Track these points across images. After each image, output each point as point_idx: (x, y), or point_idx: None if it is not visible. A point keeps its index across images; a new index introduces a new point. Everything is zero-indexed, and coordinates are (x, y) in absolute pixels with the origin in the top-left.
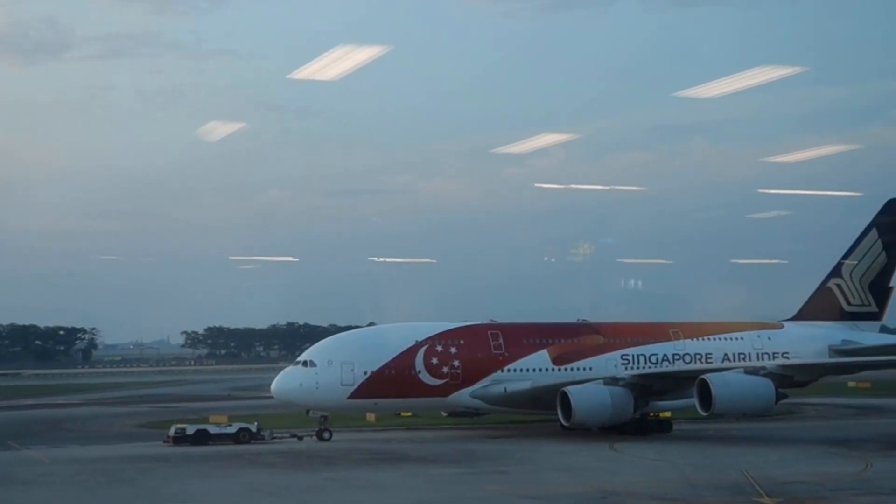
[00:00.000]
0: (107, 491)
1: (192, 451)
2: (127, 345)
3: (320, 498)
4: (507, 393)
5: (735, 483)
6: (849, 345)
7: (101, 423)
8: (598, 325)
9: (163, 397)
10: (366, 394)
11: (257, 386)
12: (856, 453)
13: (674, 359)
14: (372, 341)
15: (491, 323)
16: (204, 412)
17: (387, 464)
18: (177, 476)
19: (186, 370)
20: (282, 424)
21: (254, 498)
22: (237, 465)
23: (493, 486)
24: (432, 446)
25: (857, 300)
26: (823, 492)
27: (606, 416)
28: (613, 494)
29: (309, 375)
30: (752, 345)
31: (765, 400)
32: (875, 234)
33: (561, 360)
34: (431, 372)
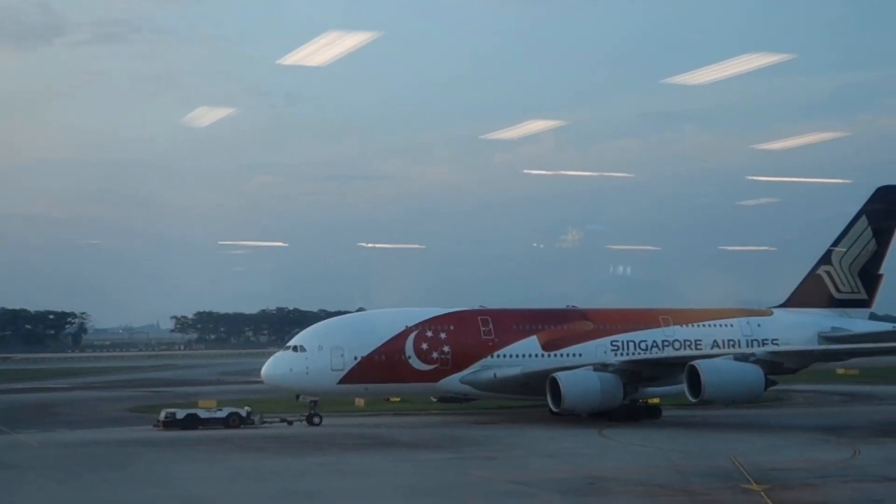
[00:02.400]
0: (96, 475)
1: (181, 436)
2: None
3: (309, 483)
4: (497, 379)
5: (723, 469)
6: (838, 332)
7: (91, 407)
8: (588, 311)
9: (152, 382)
10: (356, 379)
11: (247, 371)
12: (844, 440)
13: (663, 345)
14: (362, 327)
15: (481, 309)
16: (194, 397)
17: (376, 449)
18: (166, 460)
19: (176, 355)
20: (272, 409)
21: (243, 482)
22: (227, 449)
23: (481, 472)
24: (421, 431)
25: (847, 287)
26: (812, 478)
27: (596, 402)
28: (601, 480)
29: (299, 360)
30: (742, 331)
31: (754, 387)
32: (865, 222)
33: (551, 346)
34: (421, 357)
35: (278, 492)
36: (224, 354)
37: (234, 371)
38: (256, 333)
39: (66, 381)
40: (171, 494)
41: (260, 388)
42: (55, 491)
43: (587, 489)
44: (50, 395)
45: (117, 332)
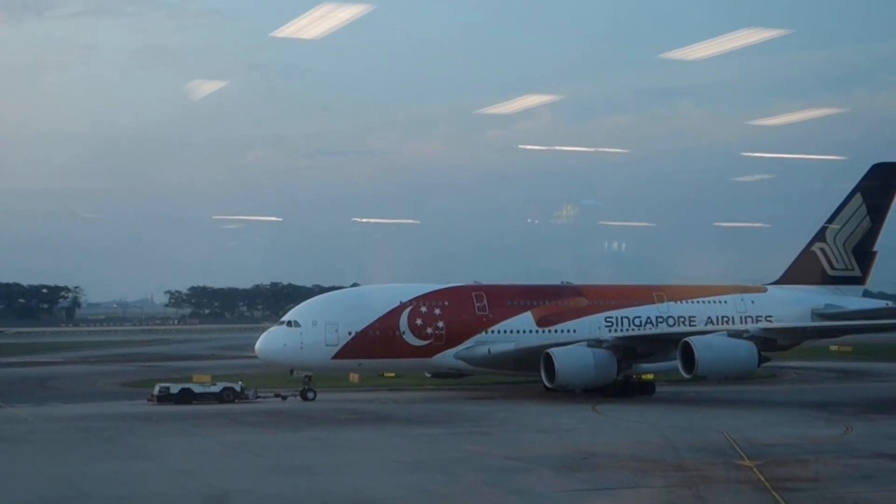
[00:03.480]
0: (90, 448)
1: (175, 410)
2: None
3: (303, 457)
4: (491, 354)
5: (716, 445)
6: (832, 309)
7: (85, 381)
8: (582, 287)
9: (146, 356)
10: (350, 354)
11: (241, 345)
12: (837, 416)
13: (657, 321)
14: (356, 302)
15: (475, 284)
16: (188, 371)
17: (370, 424)
18: (160, 434)
19: (170, 329)
20: (266, 384)
21: (236, 457)
22: (220, 424)
23: (474, 447)
24: (415, 407)
25: (841, 264)
26: (804, 454)
27: (590, 378)
28: (595, 456)
29: (293, 335)
30: (736, 308)
31: (747, 363)
32: (859, 199)
33: (545, 321)
34: (415, 333)
35: (272, 466)
36: (218, 329)
37: (229, 346)
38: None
39: (60, 355)
40: (165, 469)
41: (254, 363)
42: (49, 464)
43: (581, 464)
44: (43, 370)
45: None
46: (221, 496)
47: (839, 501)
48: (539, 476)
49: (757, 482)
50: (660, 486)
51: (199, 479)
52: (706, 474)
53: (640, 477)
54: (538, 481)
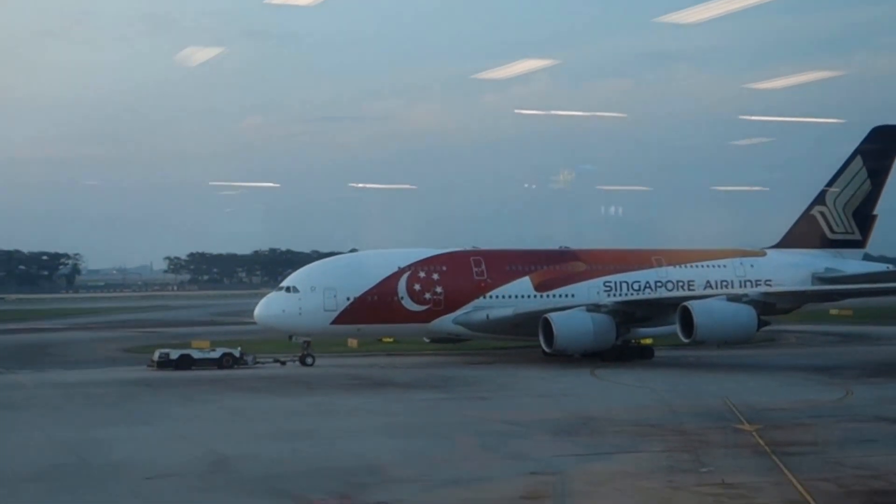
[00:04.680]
0: (90, 414)
1: (175, 376)
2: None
3: (302, 422)
4: (490, 319)
5: (716, 410)
6: (832, 273)
7: (85, 347)
8: (581, 251)
9: (146, 322)
10: (348, 319)
11: (240, 311)
12: (836, 380)
13: (656, 286)
14: (354, 267)
15: (473, 249)
16: (187, 337)
17: (368, 389)
18: (159, 400)
19: (169, 295)
20: (265, 350)
21: (236, 422)
22: (220, 389)
23: (473, 412)
24: (414, 372)
25: (841, 228)
26: (804, 418)
27: (588, 343)
28: (593, 420)
29: (292, 301)
30: (735, 272)
31: (746, 327)
32: (860, 162)
33: (543, 286)
34: (414, 298)
35: (271, 431)
36: (217, 295)
37: (227, 312)
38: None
39: (61, 321)
40: (166, 434)
41: (253, 328)
42: (50, 430)
43: (579, 429)
44: (44, 336)
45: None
46: (221, 461)
47: (840, 465)
48: (538, 441)
49: (757, 447)
50: (659, 450)
51: (198, 445)
52: (706, 439)
53: (639, 441)
54: (537, 446)
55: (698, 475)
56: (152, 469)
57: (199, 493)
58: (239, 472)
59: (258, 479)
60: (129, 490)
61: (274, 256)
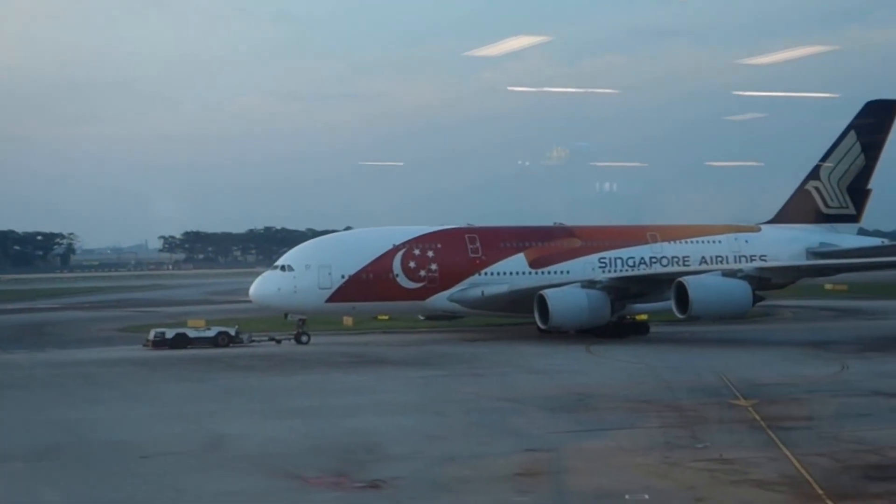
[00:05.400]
0: (86, 393)
1: (170, 355)
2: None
3: (297, 400)
4: (485, 296)
5: (711, 385)
6: (826, 247)
7: (81, 327)
8: (575, 228)
9: (141, 302)
10: (343, 297)
11: (235, 290)
12: (832, 355)
13: (651, 262)
14: (349, 245)
15: (468, 227)
16: (183, 316)
17: (363, 367)
18: (155, 379)
19: (164, 275)
20: (260, 328)
21: (231, 400)
22: (215, 368)
23: (468, 389)
24: (409, 349)
25: (836, 203)
26: (800, 393)
27: (583, 319)
28: (589, 397)
29: (287, 279)
30: (730, 247)
31: (741, 302)
32: (854, 136)
33: (538, 263)
34: (409, 275)
35: (267, 409)
36: (212, 274)
37: (223, 291)
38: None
39: (56, 301)
40: (162, 412)
41: (248, 307)
42: (46, 409)
43: (575, 405)
44: (39, 316)
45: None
46: (217, 440)
47: (836, 440)
48: (533, 417)
49: (752, 422)
50: (655, 426)
51: (194, 423)
52: (701, 415)
53: (635, 417)
54: (532, 422)
55: (694, 451)
56: (148, 448)
57: (195, 471)
58: (235, 451)
59: (254, 458)
60: (125, 469)
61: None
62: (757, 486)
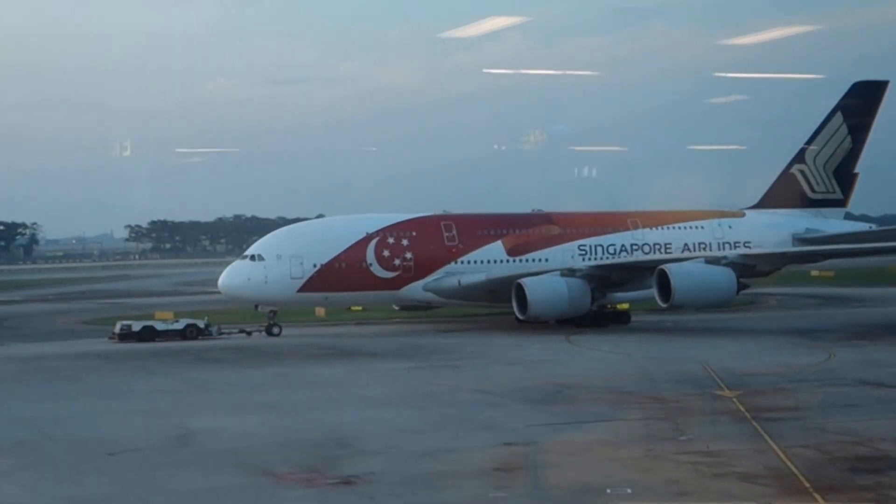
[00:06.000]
0: (50, 388)
1: (137, 348)
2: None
3: (269, 394)
4: (461, 286)
5: (695, 376)
6: (812, 233)
7: (44, 320)
8: (554, 215)
9: (107, 293)
10: (316, 287)
11: (204, 281)
12: (818, 344)
13: (632, 249)
14: (321, 234)
15: (443, 214)
16: (150, 308)
17: (337, 359)
18: (122, 373)
19: (131, 265)
20: (230, 320)
21: (200, 395)
22: (184, 361)
23: (444, 381)
24: (383, 341)
25: (822, 187)
26: (785, 383)
27: (563, 309)
28: (568, 388)
29: (257, 269)
30: (713, 234)
31: (725, 290)
32: (840, 118)
33: (516, 251)
34: (383, 264)
35: (237, 404)
36: (180, 264)
37: (191, 281)
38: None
39: (19, 293)
40: (128, 408)
41: (217, 298)
42: (10, 405)
43: (554, 398)
44: (1, 309)
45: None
46: (186, 435)
47: (822, 431)
48: (511, 410)
49: (737, 413)
50: (636, 418)
51: (162, 419)
52: (685, 406)
53: (616, 410)
54: (510, 415)
55: (677, 443)
56: (115, 445)
57: (164, 468)
58: (204, 447)
59: (224, 454)
60: (91, 467)
61: (238, 223)
62: (742, 479)
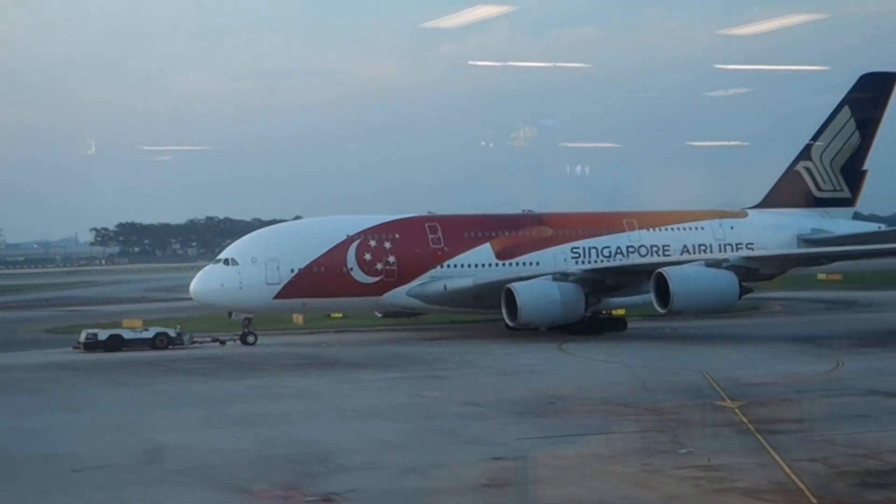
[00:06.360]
0: (13, 401)
1: (104, 359)
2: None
3: (243, 407)
4: (447, 291)
5: (694, 386)
6: (819, 234)
7: (6, 328)
8: (545, 215)
9: (72, 300)
10: (293, 293)
11: (175, 287)
12: (825, 351)
13: (628, 251)
14: (299, 236)
15: (428, 215)
16: (117, 316)
17: (316, 369)
18: (88, 385)
19: (97, 270)
20: (202, 328)
21: (171, 408)
22: (154, 372)
23: (430, 392)
24: (365, 350)
25: (828, 185)
26: (790, 393)
27: (555, 315)
28: (561, 400)
29: (231, 274)
30: (714, 235)
31: (727, 295)
32: (847, 113)
33: (505, 254)
34: (364, 269)
35: (210, 417)
36: (149, 269)
37: (161, 287)
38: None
39: None
40: (94, 422)
41: (189, 305)
42: None
43: (546, 409)
44: None
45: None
46: (156, 451)
47: (829, 444)
48: (501, 423)
49: (740, 425)
50: (633, 431)
51: (131, 433)
52: (684, 418)
53: (612, 422)
54: (499, 429)
55: (676, 457)
56: (80, 461)
57: (133, 486)
58: (175, 463)
59: (196, 470)
60: (56, 485)
61: (211, 225)
62: (745, 494)
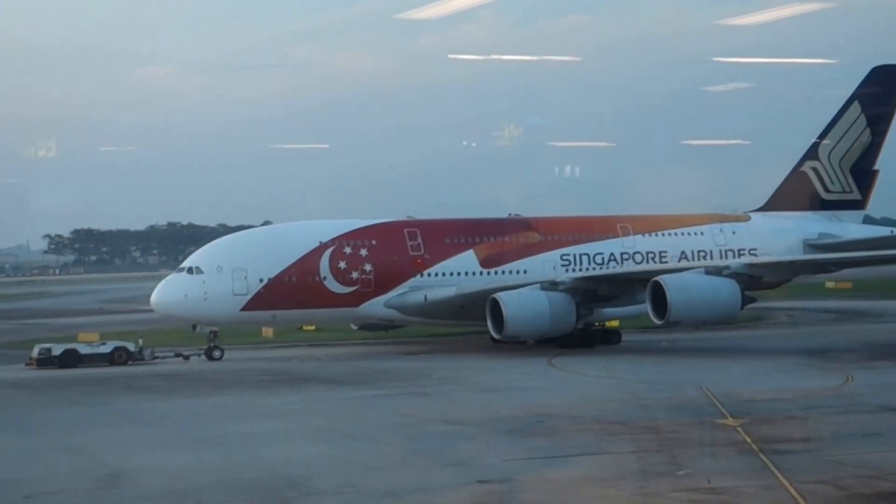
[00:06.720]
0: None
1: (59, 375)
2: None
3: (207, 427)
4: (428, 301)
5: (694, 402)
6: (827, 238)
7: None
8: (534, 220)
9: (23, 312)
10: (262, 305)
11: (134, 297)
12: (834, 365)
13: (622, 258)
14: (268, 243)
15: (407, 220)
16: (72, 329)
17: (286, 386)
18: (41, 404)
19: (50, 280)
20: (165, 342)
21: (131, 428)
22: (112, 390)
23: (410, 411)
24: (340, 365)
25: (837, 186)
26: (797, 410)
27: (544, 327)
28: (550, 418)
29: (195, 284)
30: (714, 240)
31: (728, 305)
32: (857, 109)
33: (490, 261)
34: (338, 278)
35: (172, 438)
36: (107, 279)
37: (120, 298)
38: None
39: None
40: (49, 444)
41: (150, 317)
42: None
43: (535, 429)
44: None
45: None
46: (114, 475)
47: (838, 464)
48: (487, 443)
49: (742, 444)
50: (628, 451)
51: (87, 456)
52: (683, 437)
53: (605, 441)
54: (485, 449)
55: (674, 479)
56: (33, 486)
57: None
58: (136, 488)
59: (158, 495)
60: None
61: (173, 232)
62: None
